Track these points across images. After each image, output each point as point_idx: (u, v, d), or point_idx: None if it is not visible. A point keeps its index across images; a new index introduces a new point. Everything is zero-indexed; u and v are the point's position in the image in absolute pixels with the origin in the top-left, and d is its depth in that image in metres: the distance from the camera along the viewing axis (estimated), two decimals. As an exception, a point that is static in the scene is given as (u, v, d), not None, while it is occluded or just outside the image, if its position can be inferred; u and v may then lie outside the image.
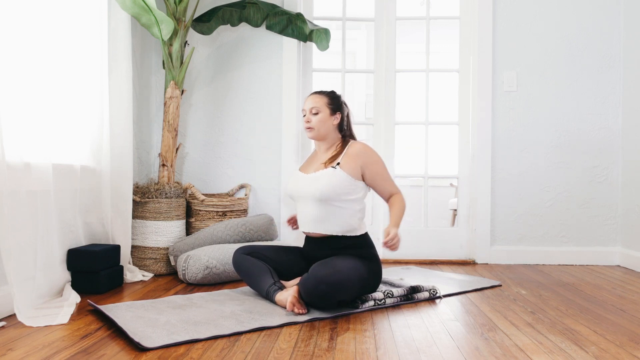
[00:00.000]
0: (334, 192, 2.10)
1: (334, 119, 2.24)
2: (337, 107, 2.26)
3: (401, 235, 2.15)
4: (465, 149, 3.33)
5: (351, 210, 2.15)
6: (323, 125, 2.22)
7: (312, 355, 1.52)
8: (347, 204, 2.14)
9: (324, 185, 2.11)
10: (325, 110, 2.23)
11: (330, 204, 2.12)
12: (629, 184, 3.12)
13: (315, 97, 2.26)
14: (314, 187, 2.13)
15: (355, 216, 2.16)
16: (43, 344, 1.59)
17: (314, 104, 2.23)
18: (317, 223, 2.15)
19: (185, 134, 3.25)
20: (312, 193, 2.13)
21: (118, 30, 2.60)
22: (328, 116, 2.23)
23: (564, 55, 3.22)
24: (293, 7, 3.21)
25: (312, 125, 2.22)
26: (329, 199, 2.11)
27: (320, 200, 2.12)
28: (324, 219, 2.13)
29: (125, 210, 2.61)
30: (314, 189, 2.12)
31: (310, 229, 2.18)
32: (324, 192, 2.10)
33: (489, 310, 2.05)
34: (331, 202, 2.12)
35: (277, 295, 2.03)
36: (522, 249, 3.22)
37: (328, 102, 2.24)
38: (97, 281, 2.28)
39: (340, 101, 2.29)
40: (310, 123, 2.22)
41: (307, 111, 2.24)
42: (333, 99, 2.27)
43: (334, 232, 2.13)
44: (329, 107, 2.23)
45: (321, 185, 2.11)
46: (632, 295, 2.34)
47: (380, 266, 2.20)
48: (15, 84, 1.94)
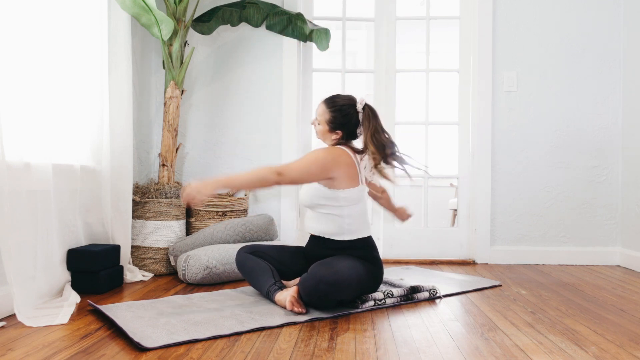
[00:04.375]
0: (310, 201, 2.18)
1: (333, 135, 2.17)
2: (337, 125, 2.15)
3: (202, 187, 1.92)
4: (465, 149, 3.33)
5: (338, 216, 2.13)
6: (322, 137, 2.24)
7: (312, 355, 1.52)
8: (331, 210, 2.13)
9: (303, 194, 2.22)
10: (325, 126, 2.18)
11: (315, 210, 2.19)
12: (629, 184, 3.12)
13: (321, 108, 2.19)
14: (301, 193, 2.26)
15: (343, 222, 2.12)
16: (43, 344, 1.59)
17: (318, 115, 2.21)
18: (312, 224, 2.22)
19: (185, 134, 3.25)
20: (300, 199, 2.25)
21: (118, 30, 2.60)
22: (327, 132, 2.18)
23: (564, 55, 3.22)
24: (293, 7, 3.21)
25: (316, 132, 2.26)
26: (311, 206, 2.19)
27: (305, 207, 2.23)
28: (315, 221, 2.20)
29: (125, 210, 2.61)
30: (301, 195, 2.25)
31: (313, 230, 2.23)
32: (303, 200, 2.22)
33: (489, 310, 2.05)
34: (315, 209, 2.19)
35: (277, 295, 2.03)
36: (522, 249, 3.22)
37: (329, 120, 2.15)
38: (97, 281, 2.28)
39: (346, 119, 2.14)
40: (315, 129, 2.25)
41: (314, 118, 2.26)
42: (336, 116, 2.14)
43: (325, 235, 2.17)
44: (329, 124, 2.16)
45: (302, 194, 2.23)
46: (632, 295, 2.34)
47: (381, 269, 2.19)
48: (15, 84, 1.94)
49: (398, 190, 3.17)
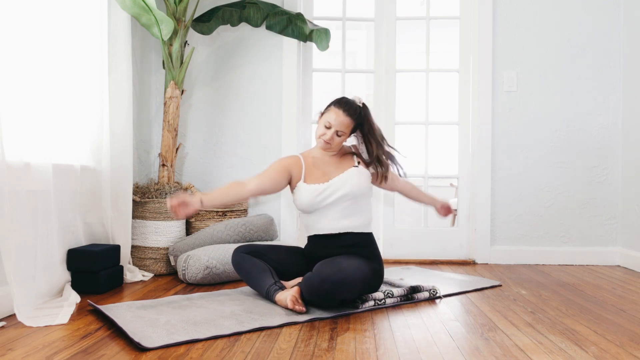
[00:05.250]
0: (365, 187, 2.22)
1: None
2: (356, 128, 2.27)
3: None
4: (465, 149, 3.33)
5: (370, 205, 2.30)
6: (338, 147, 2.27)
7: (312, 355, 1.52)
8: (368, 200, 2.29)
9: (356, 182, 2.19)
10: (349, 133, 2.25)
11: (360, 199, 2.22)
12: (629, 184, 3.12)
13: (345, 120, 2.18)
14: (349, 184, 2.18)
15: (372, 210, 2.31)
16: (43, 344, 1.59)
17: (342, 127, 2.19)
18: (346, 220, 2.18)
19: (185, 134, 3.25)
20: (348, 191, 2.17)
21: (118, 30, 2.60)
22: (347, 138, 2.28)
23: (564, 55, 3.22)
24: (293, 7, 3.21)
25: (333, 144, 2.22)
26: (360, 195, 2.21)
27: (355, 196, 2.19)
28: (352, 214, 2.20)
29: (125, 210, 2.61)
30: (350, 186, 2.18)
31: (336, 228, 2.18)
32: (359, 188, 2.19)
33: (489, 310, 2.05)
34: (361, 197, 2.22)
35: (278, 295, 2.03)
36: (522, 249, 3.22)
37: (353, 128, 2.24)
38: (97, 281, 2.28)
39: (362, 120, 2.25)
40: (332, 141, 2.21)
41: (332, 127, 2.18)
42: (357, 120, 2.22)
43: (358, 227, 2.20)
44: (351, 130, 2.25)
45: (355, 182, 2.19)
46: (632, 295, 2.34)
47: (383, 266, 2.22)
48: (15, 84, 1.94)
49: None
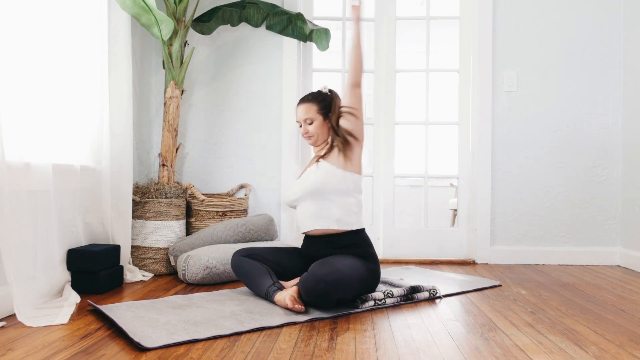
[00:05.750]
0: (327, 182, 2.16)
1: (326, 124, 2.27)
2: (327, 109, 2.26)
3: None
4: (465, 149, 3.33)
5: (344, 203, 2.18)
6: (321, 130, 2.26)
7: (312, 355, 1.52)
8: (337, 197, 2.18)
9: (313, 179, 2.20)
10: (318, 117, 2.25)
11: (322, 197, 2.17)
12: (629, 184, 3.12)
13: (306, 107, 2.27)
14: (308, 182, 2.21)
15: (350, 210, 2.19)
16: (43, 344, 1.59)
17: (306, 114, 2.26)
18: (314, 219, 2.18)
19: (185, 134, 3.25)
20: (304, 189, 2.20)
21: (118, 30, 2.60)
22: (322, 122, 2.26)
23: (564, 55, 3.22)
24: (293, 7, 3.21)
25: (311, 134, 2.27)
26: (319, 192, 2.17)
27: (312, 195, 2.18)
28: (319, 214, 2.17)
29: (125, 210, 2.61)
30: (309, 183, 2.20)
31: (308, 227, 2.21)
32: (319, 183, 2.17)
33: (489, 310, 2.05)
34: (323, 196, 2.17)
35: (277, 296, 2.03)
36: (522, 249, 3.22)
37: (318, 109, 2.25)
38: (97, 281, 2.28)
39: (329, 101, 2.27)
40: (308, 133, 2.27)
41: (301, 122, 2.27)
42: (322, 102, 2.26)
43: (330, 227, 2.16)
44: (320, 113, 2.25)
45: (312, 179, 2.20)
46: (632, 295, 2.34)
47: (379, 265, 2.20)
48: (15, 84, 1.94)
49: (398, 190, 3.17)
